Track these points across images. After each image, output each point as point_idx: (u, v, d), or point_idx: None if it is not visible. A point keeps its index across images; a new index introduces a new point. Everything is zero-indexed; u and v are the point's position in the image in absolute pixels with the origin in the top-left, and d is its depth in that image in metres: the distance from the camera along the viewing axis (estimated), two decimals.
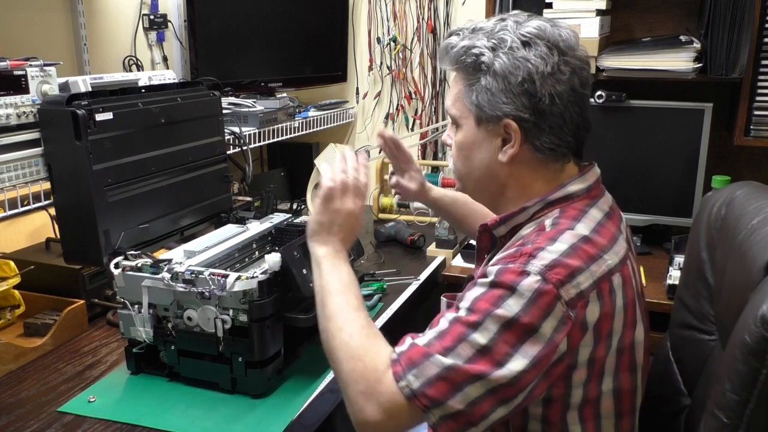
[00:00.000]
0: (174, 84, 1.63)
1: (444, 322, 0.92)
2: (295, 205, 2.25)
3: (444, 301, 1.16)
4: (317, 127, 2.48)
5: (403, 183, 1.48)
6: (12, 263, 1.43)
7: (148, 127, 1.42)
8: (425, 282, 1.83)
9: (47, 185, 1.35)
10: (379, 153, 2.40)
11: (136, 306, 1.26)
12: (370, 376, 0.91)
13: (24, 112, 1.32)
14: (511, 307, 0.88)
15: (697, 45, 1.96)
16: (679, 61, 1.94)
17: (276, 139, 2.23)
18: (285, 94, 2.37)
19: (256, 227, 1.54)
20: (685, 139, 2.02)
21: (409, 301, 1.70)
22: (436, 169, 2.55)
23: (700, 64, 1.93)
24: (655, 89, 2.11)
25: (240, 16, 2.31)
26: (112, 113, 1.32)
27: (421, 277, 1.84)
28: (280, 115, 2.24)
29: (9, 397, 1.24)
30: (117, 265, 1.27)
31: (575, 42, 1.00)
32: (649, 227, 2.13)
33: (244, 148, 1.98)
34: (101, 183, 1.30)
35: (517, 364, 0.87)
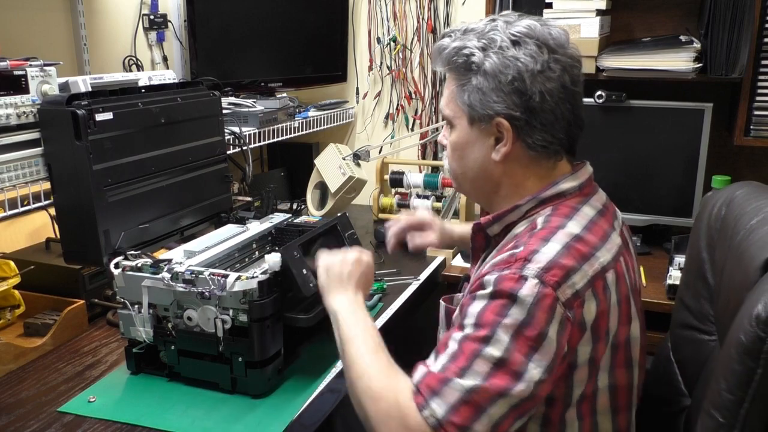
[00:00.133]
0: (174, 84, 1.63)
1: (453, 343, 0.91)
2: (295, 205, 2.26)
3: (443, 305, 1.15)
4: (317, 127, 2.48)
5: (425, 242, 1.48)
6: (12, 263, 1.43)
7: (148, 127, 1.42)
8: (425, 282, 1.83)
9: (47, 185, 1.35)
10: (379, 153, 2.42)
11: (136, 306, 1.26)
12: (395, 413, 0.90)
13: (24, 112, 1.32)
14: (517, 315, 0.88)
15: (697, 45, 1.96)
16: (679, 61, 1.94)
17: (276, 139, 2.23)
18: (285, 94, 2.37)
19: (256, 227, 1.54)
20: (685, 139, 2.02)
21: (409, 301, 1.70)
22: (435, 169, 2.55)
23: (700, 64, 1.93)
24: (655, 89, 2.11)
25: (240, 16, 2.31)
26: (112, 113, 1.32)
27: (421, 277, 1.84)
28: (280, 115, 2.24)
29: (9, 397, 1.24)
30: (117, 265, 1.27)
31: (566, 40, 1.01)
32: (649, 227, 2.13)
33: (244, 148, 1.98)
34: (101, 183, 1.30)
35: (533, 374, 0.87)
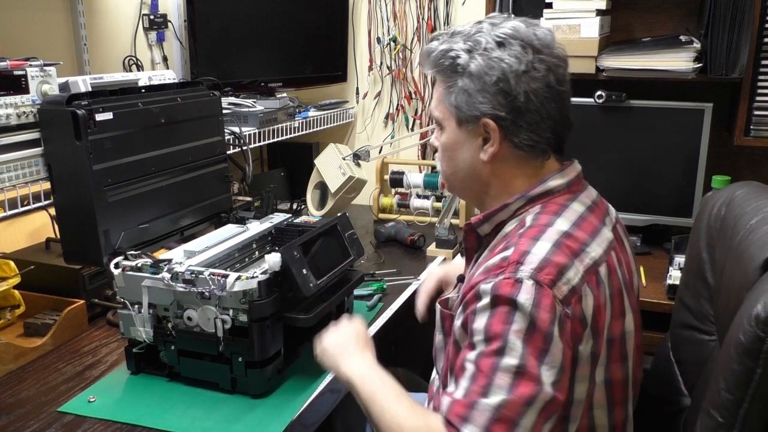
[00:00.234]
0: (174, 84, 1.63)
1: (469, 365, 0.90)
2: (295, 205, 2.25)
3: (438, 308, 1.15)
4: (317, 127, 2.48)
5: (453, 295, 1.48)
6: (12, 263, 1.43)
7: (148, 127, 1.42)
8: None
9: (47, 185, 1.35)
10: (379, 153, 2.41)
11: (136, 306, 1.26)
12: None
13: (24, 112, 1.32)
14: (521, 319, 0.88)
15: (697, 45, 1.96)
16: (679, 61, 1.94)
17: (276, 139, 2.23)
18: (285, 94, 2.37)
19: (256, 227, 1.54)
20: (685, 139, 2.02)
21: (409, 301, 1.69)
22: (435, 169, 2.54)
23: (700, 64, 1.93)
24: (655, 89, 2.11)
25: (240, 16, 2.31)
26: (112, 113, 1.32)
27: (421, 277, 1.83)
28: (280, 115, 2.24)
29: (9, 397, 1.24)
30: (117, 265, 1.27)
31: (551, 40, 1.02)
32: (649, 227, 2.13)
33: (244, 148, 1.98)
34: (101, 183, 1.30)
35: (548, 375, 0.87)
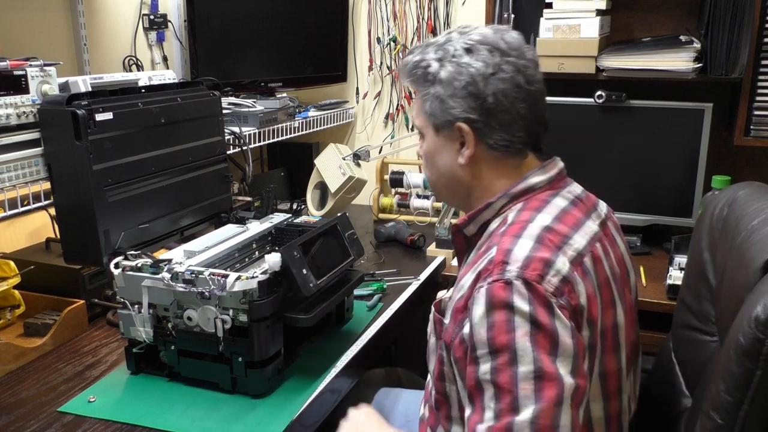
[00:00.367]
0: (174, 84, 1.63)
1: (486, 385, 0.88)
2: (295, 205, 2.25)
3: (432, 311, 1.15)
4: (317, 127, 2.48)
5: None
6: (12, 263, 1.43)
7: (148, 127, 1.42)
8: (425, 282, 1.83)
9: (47, 185, 1.35)
10: (379, 153, 2.41)
11: (136, 306, 1.26)
12: None
13: (24, 112, 1.32)
14: (521, 323, 0.87)
15: (697, 45, 1.95)
16: (679, 61, 1.94)
17: (276, 139, 2.23)
18: (285, 94, 2.37)
19: (256, 227, 1.54)
20: (685, 139, 2.02)
21: (409, 301, 1.70)
22: None
23: (700, 64, 1.93)
24: (655, 89, 2.11)
25: (240, 16, 2.31)
26: (112, 113, 1.32)
27: (421, 277, 1.84)
28: (280, 115, 2.24)
29: (9, 397, 1.24)
30: (117, 265, 1.27)
31: (520, 44, 1.05)
32: (649, 227, 2.13)
33: (244, 148, 1.98)
34: (101, 183, 1.30)
35: (564, 366, 0.86)
